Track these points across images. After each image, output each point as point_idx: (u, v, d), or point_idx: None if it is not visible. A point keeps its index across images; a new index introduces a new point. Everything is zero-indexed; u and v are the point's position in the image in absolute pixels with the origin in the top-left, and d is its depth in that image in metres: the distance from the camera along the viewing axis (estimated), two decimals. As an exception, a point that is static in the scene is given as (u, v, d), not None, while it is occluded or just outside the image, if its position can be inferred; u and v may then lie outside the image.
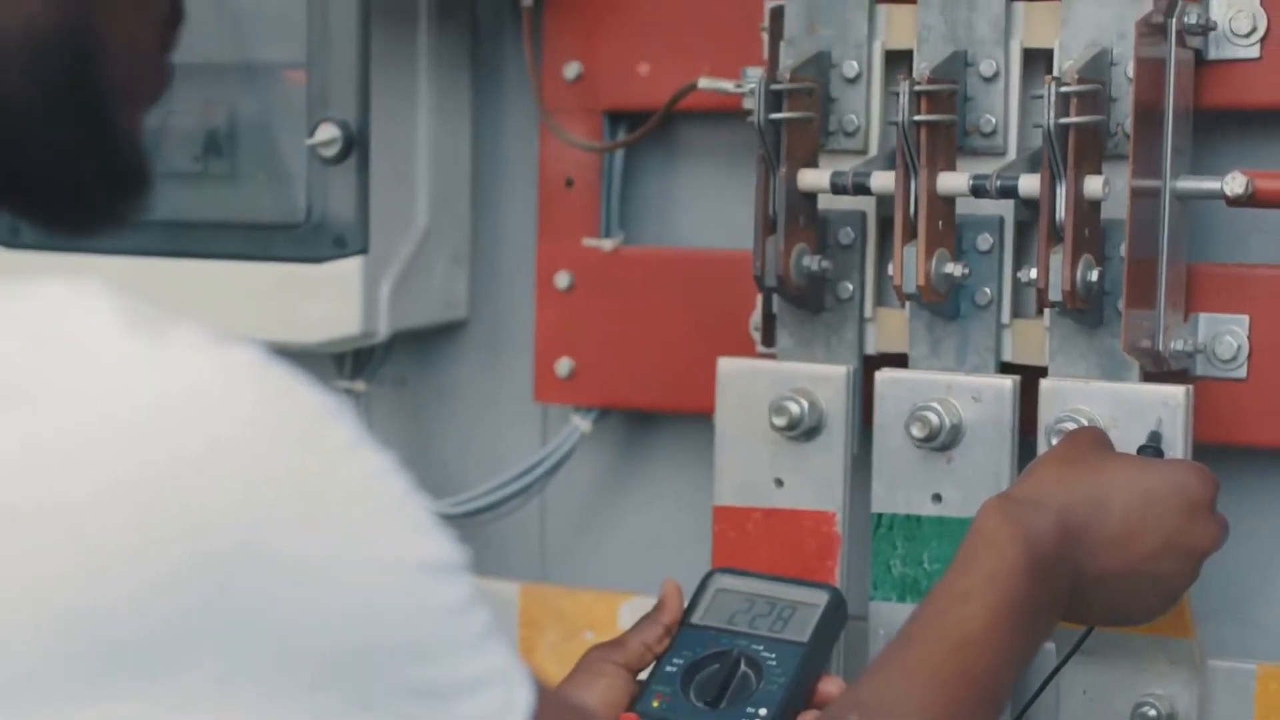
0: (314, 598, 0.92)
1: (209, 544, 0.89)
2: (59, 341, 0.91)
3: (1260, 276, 1.77)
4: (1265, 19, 1.73)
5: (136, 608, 0.88)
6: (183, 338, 0.92)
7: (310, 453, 0.93)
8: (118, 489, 0.88)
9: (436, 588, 0.96)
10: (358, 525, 0.95)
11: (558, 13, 2.01)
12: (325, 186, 1.99)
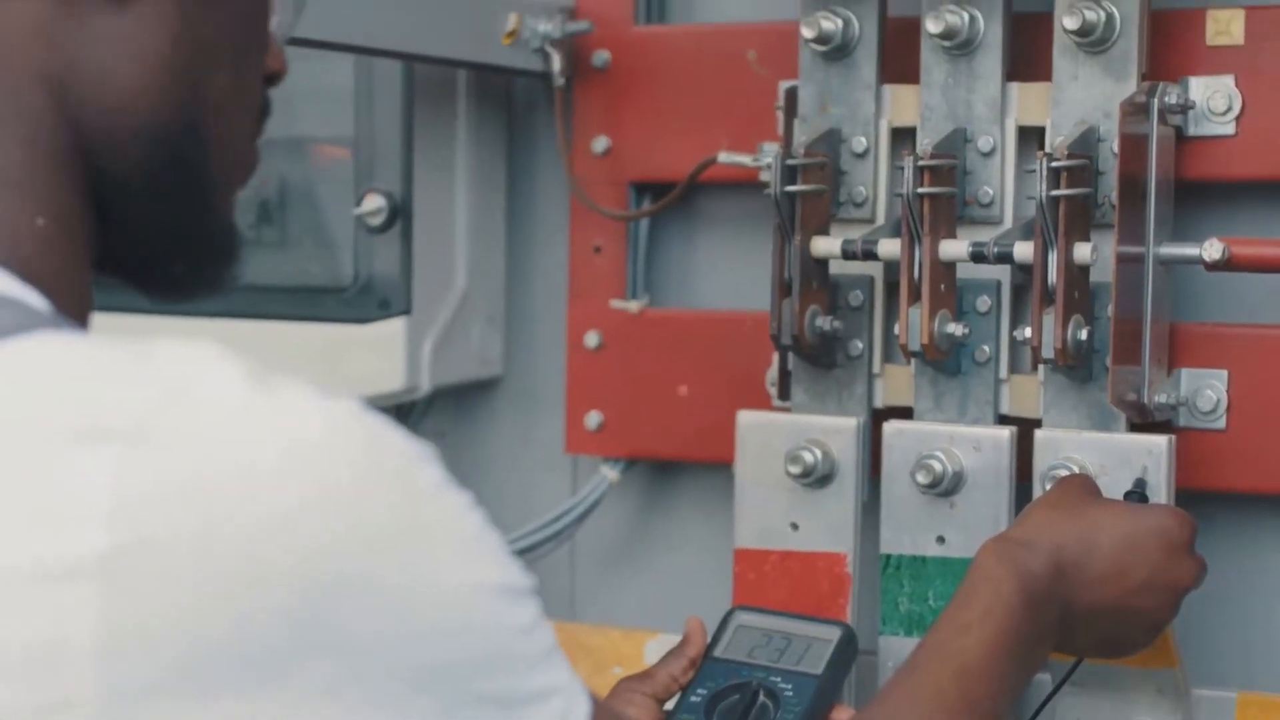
0: (408, 618, 0.99)
1: (320, 572, 0.96)
2: (188, 394, 0.97)
3: (1237, 335, 1.81)
4: (1240, 99, 1.78)
5: (259, 625, 0.95)
6: (294, 391, 0.99)
7: (404, 493, 1.00)
8: (246, 525, 0.95)
9: (510, 610, 1.03)
10: (444, 555, 1.01)
11: (587, 91, 2.06)
12: (371, 253, 2.04)
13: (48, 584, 0.92)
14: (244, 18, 1.17)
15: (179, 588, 0.93)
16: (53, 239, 1.08)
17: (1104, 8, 1.75)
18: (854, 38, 1.86)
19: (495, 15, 1.96)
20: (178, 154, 1.13)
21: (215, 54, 1.14)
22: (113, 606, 0.92)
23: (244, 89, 1.18)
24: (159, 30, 1.11)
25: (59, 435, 0.94)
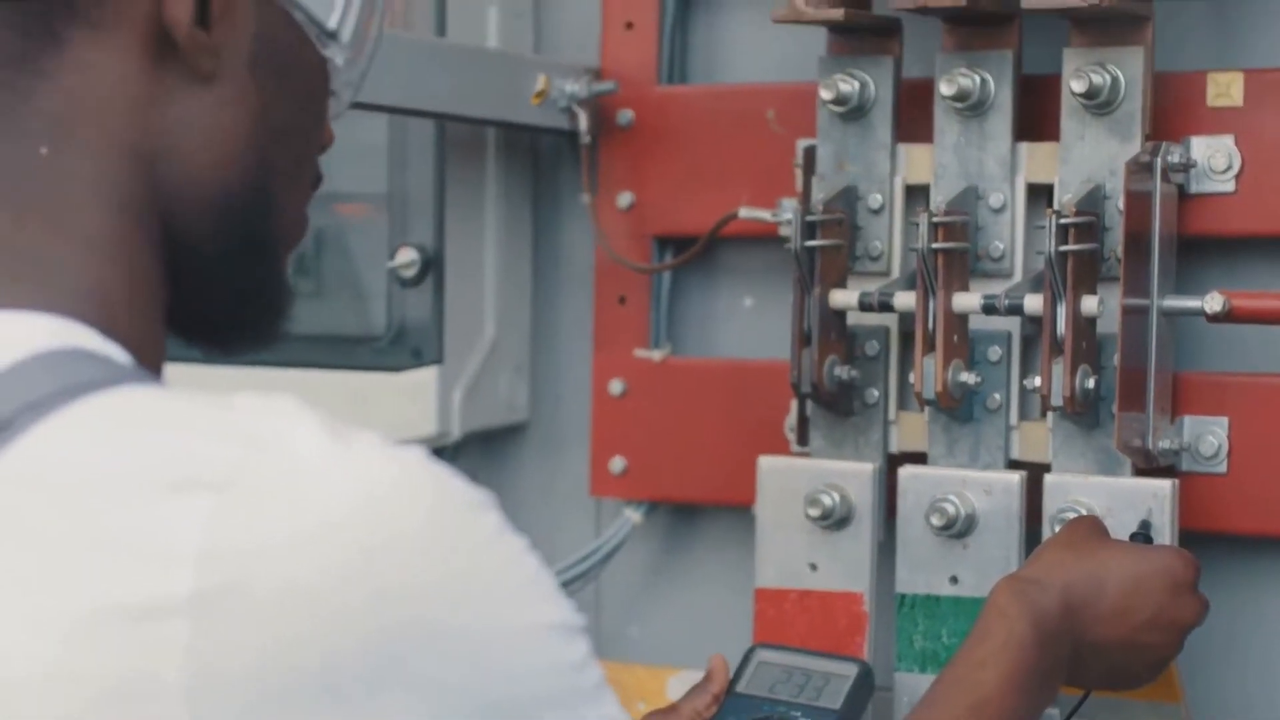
0: (473, 656, 1.03)
1: (393, 613, 1.00)
2: (271, 447, 1.00)
3: (1238, 384, 1.83)
4: (1239, 158, 1.81)
5: (338, 663, 0.99)
6: (367, 442, 1.03)
7: (469, 538, 1.04)
8: (325, 569, 0.99)
9: (565, 647, 1.06)
10: (505, 596, 1.05)
11: (612, 149, 2.09)
12: (404, 304, 2.07)
13: (140, 622, 0.96)
14: (308, 98, 1.22)
15: (263, 627, 0.97)
16: (133, 298, 1.12)
17: (1109, 72, 1.77)
18: (870, 99, 1.89)
19: (524, 76, 2.00)
20: (247, 221, 1.18)
21: (283, 131, 1.20)
22: (200, 644, 0.96)
23: (304, 161, 1.24)
24: (237, 109, 1.16)
25: (152, 485, 0.98)
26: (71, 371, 1.05)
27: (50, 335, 1.07)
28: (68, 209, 1.13)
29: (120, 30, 1.13)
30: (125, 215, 1.12)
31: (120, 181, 1.13)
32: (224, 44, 1.15)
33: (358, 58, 1.25)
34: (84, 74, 1.13)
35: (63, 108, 1.13)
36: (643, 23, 2.09)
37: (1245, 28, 1.87)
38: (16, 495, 0.99)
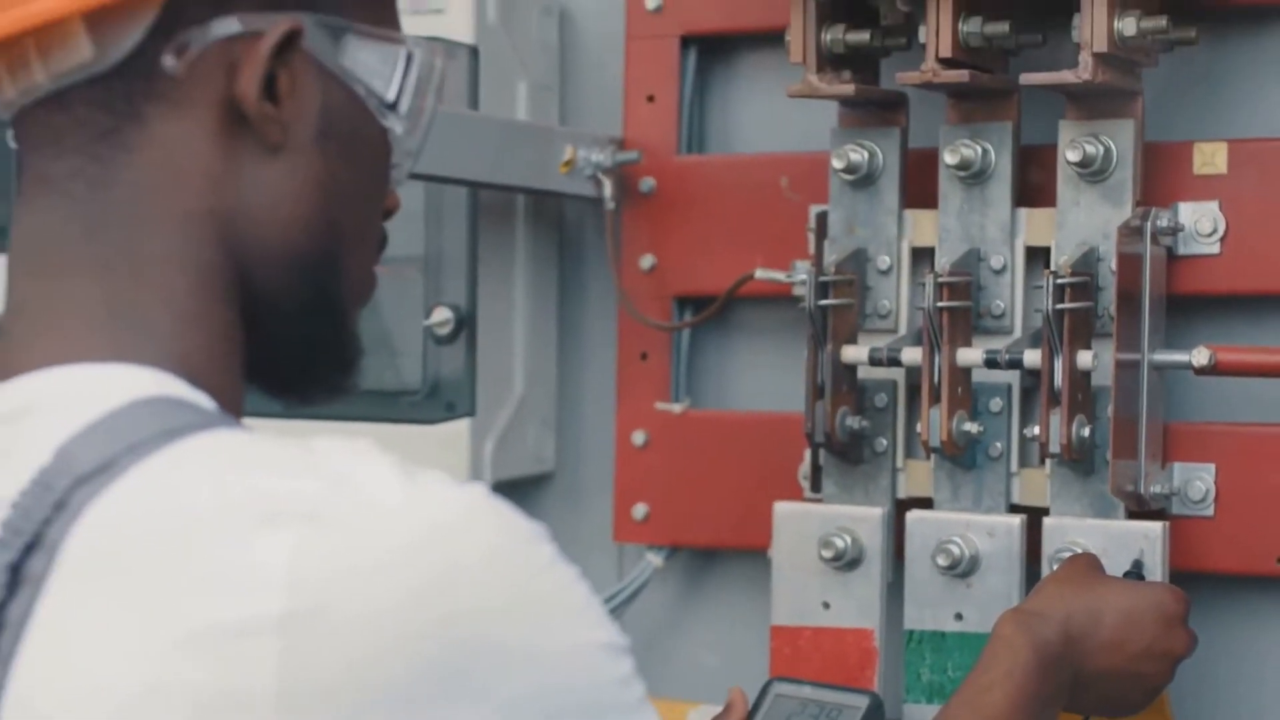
0: (532, 671, 1.07)
1: (461, 632, 1.05)
2: (350, 484, 1.05)
3: (1224, 433, 1.86)
4: (1224, 222, 1.83)
5: (411, 677, 1.03)
6: (434, 480, 1.08)
7: (528, 566, 1.08)
8: (400, 593, 1.03)
9: (613, 664, 1.11)
10: (561, 618, 1.09)
11: (634, 213, 2.11)
12: (439, 360, 2.08)
13: (235, 640, 1.01)
14: (371, 166, 1.26)
15: (344, 645, 1.02)
16: (215, 353, 1.18)
17: (1102, 142, 1.80)
18: (879, 168, 1.92)
19: (552, 147, 2.04)
20: (316, 279, 1.22)
21: (349, 197, 1.23)
22: (289, 660, 1.01)
23: (369, 224, 1.28)
24: (306, 177, 1.20)
25: (244, 518, 1.03)
26: (168, 417, 1.10)
27: (146, 385, 1.12)
28: (153, 273, 1.17)
29: (197, 106, 1.17)
30: (205, 277, 1.17)
31: (200, 247, 1.17)
32: (291, 117, 1.19)
33: (415, 129, 1.28)
34: (164, 147, 1.17)
35: (146, 179, 1.17)
36: (663, 96, 2.11)
37: (1228, 101, 1.91)
38: (121, 528, 1.04)
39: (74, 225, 1.17)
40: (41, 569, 1.04)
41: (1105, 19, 1.72)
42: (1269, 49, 1.89)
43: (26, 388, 1.14)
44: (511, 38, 2.11)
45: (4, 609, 1.05)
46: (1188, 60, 1.88)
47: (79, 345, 1.15)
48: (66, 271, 1.17)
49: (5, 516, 1.07)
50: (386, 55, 1.25)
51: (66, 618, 1.04)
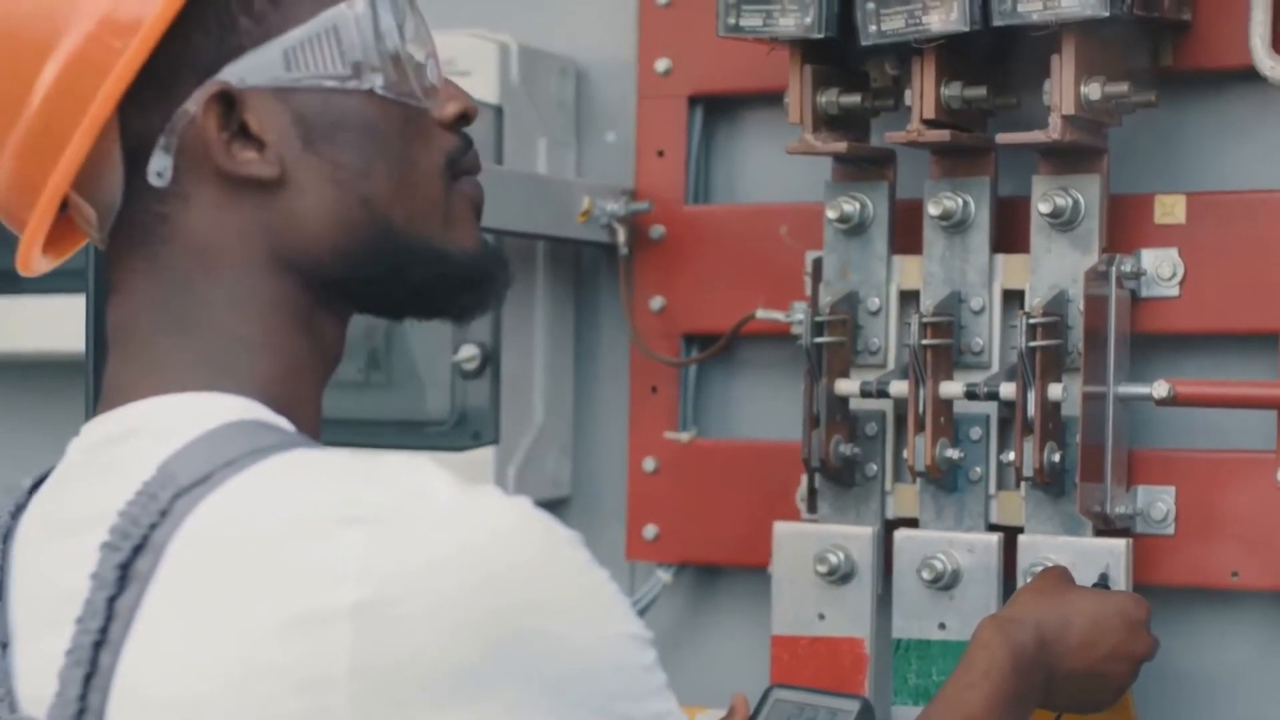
0: (570, 657, 1.14)
1: (510, 622, 1.12)
2: (415, 493, 1.13)
3: (1183, 458, 1.90)
4: (1183, 267, 1.88)
5: (468, 660, 1.10)
6: (487, 491, 1.15)
7: (567, 566, 1.16)
8: (458, 587, 1.10)
9: (640, 652, 1.18)
10: (596, 611, 1.16)
11: (645, 258, 2.16)
12: (465, 393, 2.15)
13: (315, 627, 1.09)
14: (372, 132, 1.26)
15: (409, 632, 1.10)
16: (292, 379, 1.27)
17: (1071, 195, 1.85)
18: (869, 217, 1.96)
19: (571, 198, 2.10)
20: (384, 250, 1.27)
21: (366, 171, 1.26)
22: (360, 644, 1.09)
23: (406, 171, 1.28)
24: (317, 184, 1.25)
25: (323, 521, 1.12)
26: (255, 437, 1.19)
27: (236, 410, 1.22)
28: (226, 321, 1.26)
29: (199, 189, 1.25)
30: (274, 312, 1.26)
31: (261, 287, 1.26)
32: (275, 148, 1.24)
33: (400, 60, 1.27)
34: (194, 229, 1.26)
35: (191, 258, 1.26)
36: (672, 151, 2.15)
37: (1186, 157, 1.95)
38: (218, 531, 1.14)
39: (153, 301, 1.26)
40: (148, 568, 1.14)
41: (1073, 84, 1.78)
42: (1222, 111, 1.94)
43: (131, 414, 1.24)
44: (532, 98, 2.17)
45: (115, 601, 1.14)
46: (1149, 120, 1.92)
47: (175, 380, 1.24)
48: (156, 332, 1.26)
49: (114, 523, 1.16)
50: (318, 37, 1.26)
51: (170, 609, 1.14)
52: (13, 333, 2.48)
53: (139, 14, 1.21)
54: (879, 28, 1.84)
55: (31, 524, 1.29)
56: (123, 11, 1.22)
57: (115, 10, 1.22)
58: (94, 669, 1.15)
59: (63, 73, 1.22)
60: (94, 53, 1.22)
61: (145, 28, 1.21)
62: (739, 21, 1.90)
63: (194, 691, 1.12)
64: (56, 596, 1.20)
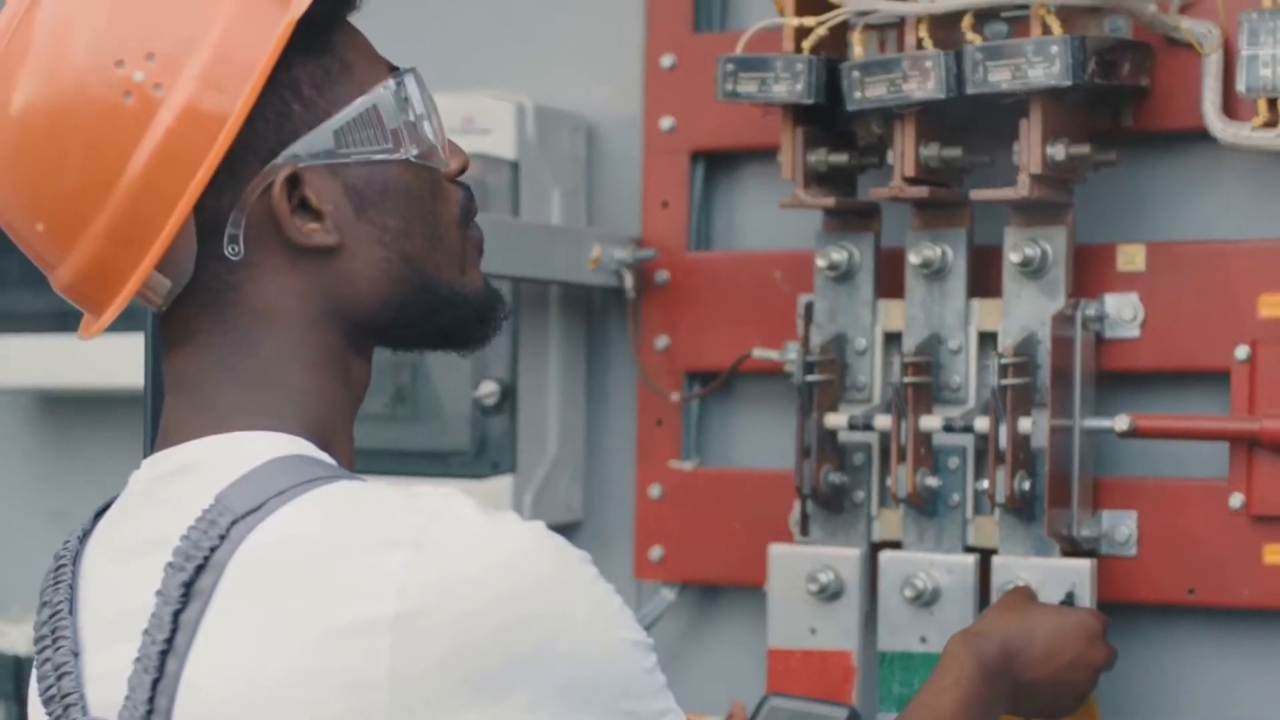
0: (581, 661, 1.22)
1: (529, 630, 1.19)
2: (446, 518, 1.20)
3: (1144, 485, 1.95)
4: (1143, 311, 1.94)
5: (492, 664, 1.17)
6: (508, 517, 1.23)
7: (579, 581, 1.23)
8: (484, 600, 1.18)
9: (643, 656, 1.25)
10: (604, 620, 1.24)
11: (651, 301, 2.21)
12: (485, 426, 2.21)
13: (359, 636, 1.18)
14: (412, 195, 1.34)
15: (442, 640, 1.18)
16: (333, 421, 1.35)
17: (1040, 245, 1.92)
18: (856, 265, 2.03)
19: (582, 245, 2.17)
20: (420, 298, 1.35)
21: (408, 230, 1.34)
22: (399, 651, 1.17)
23: (436, 226, 1.36)
24: (367, 246, 1.32)
25: (366, 543, 1.20)
26: (303, 470, 1.27)
27: (285, 446, 1.30)
28: (278, 371, 1.33)
29: (266, 256, 1.31)
30: (321, 363, 1.33)
31: (317, 342, 1.33)
32: (332, 217, 1.31)
33: (421, 136, 1.34)
34: (257, 292, 1.32)
35: (252, 320, 1.32)
36: (676, 202, 2.21)
37: (1146, 210, 2.00)
38: (272, 553, 1.22)
39: (216, 355, 1.33)
40: (210, 585, 1.23)
41: (1040, 146, 1.86)
42: (1177, 168, 2.00)
43: (189, 450, 1.32)
44: (547, 153, 2.23)
45: (179, 615, 1.23)
46: (1111, 177, 1.98)
47: (229, 420, 1.32)
48: (215, 381, 1.33)
49: (177, 546, 1.25)
50: (362, 116, 1.32)
51: (229, 621, 1.23)
52: (68, 369, 2.54)
53: (221, 110, 1.28)
54: (863, 94, 1.92)
55: (97, 547, 1.37)
56: (205, 105, 1.28)
57: (198, 104, 1.28)
58: (161, 674, 1.23)
59: (150, 166, 1.28)
60: (179, 147, 1.28)
61: (229, 124, 1.27)
62: (736, 88, 1.98)
63: (251, 693, 1.20)
64: (124, 611, 1.28)
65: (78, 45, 1.30)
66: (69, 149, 1.29)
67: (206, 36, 1.29)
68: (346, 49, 1.35)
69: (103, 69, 1.28)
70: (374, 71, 1.36)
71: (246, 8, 1.30)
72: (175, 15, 1.29)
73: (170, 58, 1.28)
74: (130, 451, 2.46)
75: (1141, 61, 1.95)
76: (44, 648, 1.35)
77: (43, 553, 2.58)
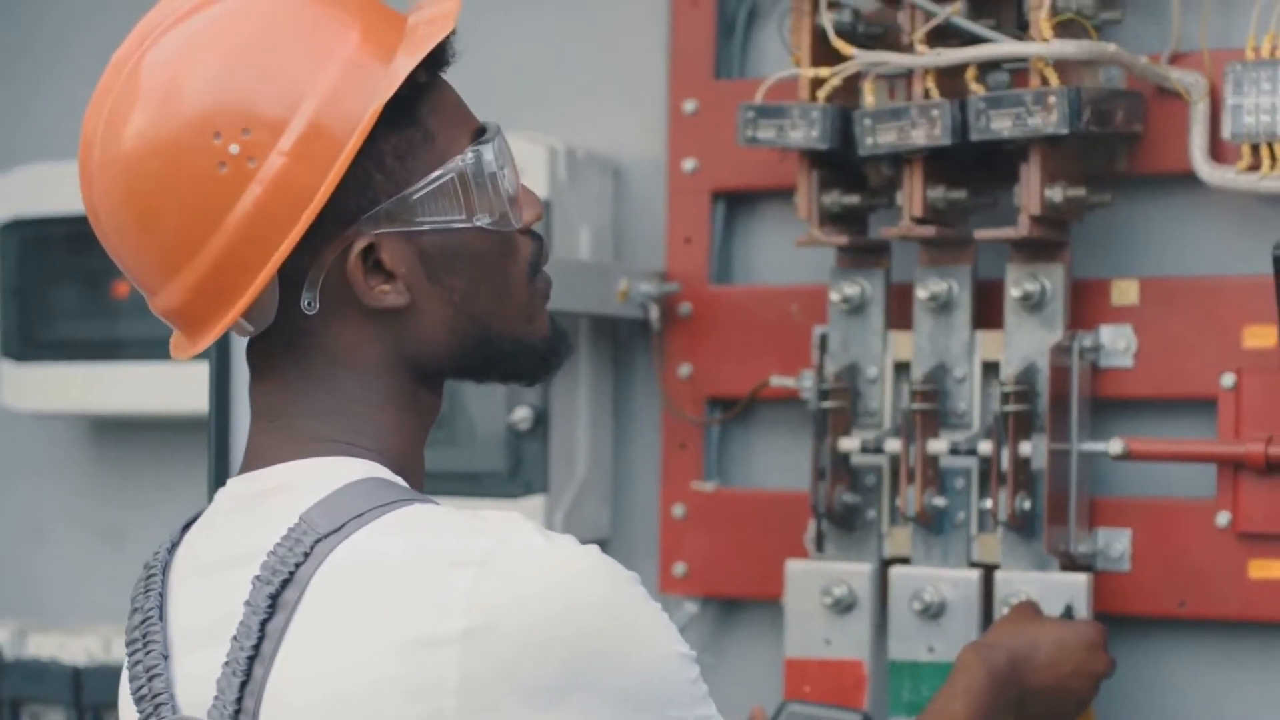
0: (634, 671, 1.26)
1: (587, 643, 1.24)
2: (510, 540, 1.26)
3: (1138, 504, 1.99)
4: (1136, 342, 1.99)
5: (552, 672, 1.22)
6: (565, 540, 1.28)
7: (632, 598, 1.29)
8: (546, 615, 1.23)
9: (688, 667, 1.30)
10: (654, 635, 1.28)
11: (675, 332, 2.25)
12: (519, 449, 2.26)
13: (432, 648, 1.23)
14: (481, 258, 1.38)
15: (506, 651, 1.24)
16: (406, 450, 1.41)
17: (1040, 281, 1.98)
18: (868, 299, 2.08)
19: (610, 280, 2.21)
20: (484, 349, 1.39)
21: (475, 291, 1.38)
22: (467, 661, 1.23)
23: (503, 284, 1.40)
24: (436, 305, 1.37)
25: (437, 563, 1.25)
26: (380, 494, 1.33)
27: (363, 471, 1.36)
28: (355, 407, 1.38)
29: (341, 309, 1.36)
30: (394, 400, 1.39)
31: (385, 382, 1.39)
32: (405, 279, 1.35)
33: (497, 203, 1.37)
34: (334, 341, 1.37)
35: (334, 350, 1.38)
36: (698, 238, 2.25)
37: (1139, 248, 2.05)
38: (351, 573, 1.28)
39: (296, 388, 1.39)
40: (294, 598, 1.30)
41: (1039, 189, 1.93)
42: (1168, 209, 2.05)
43: (276, 473, 1.39)
44: (577, 193, 2.27)
45: (266, 624, 1.30)
46: (1105, 217, 2.04)
47: (311, 446, 1.39)
48: (296, 410, 1.39)
49: (265, 561, 1.31)
50: (439, 188, 1.36)
51: (313, 631, 1.29)
52: (117, 396, 2.62)
53: (309, 183, 1.32)
54: (874, 140, 1.99)
55: (186, 559, 1.43)
56: (294, 178, 1.32)
57: (288, 177, 1.32)
58: (248, 678, 1.30)
59: (238, 232, 1.33)
60: (267, 217, 1.32)
61: (316, 197, 1.32)
62: (756, 134, 2.05)
63: (331, 697, 1.27)
64: (212, 619, 1.35)
65: (181, 105, 1.34)
66: (168, 203, 1.35)
67: (301, 112, 1.33)
68: (431, 117, 1.39)
69: (201, 137, 1.33)
70: (456, 138, 1.39)
71: (342, 84, 1.34)
72: (273, 90, 1.34)
73: (265, 132, 1.33)
74: (175, 473, 2.66)
75: (1134, 110, 2.01)
76: (135, 650, 1.41)
77: (96, 569, 2.75)
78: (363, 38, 1.37)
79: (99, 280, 2.62)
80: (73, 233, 2.59)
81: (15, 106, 2.87)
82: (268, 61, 1.35)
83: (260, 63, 1.35)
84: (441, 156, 1.38)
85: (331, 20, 1.37)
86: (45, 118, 2.81)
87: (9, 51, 2.88)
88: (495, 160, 1.39)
